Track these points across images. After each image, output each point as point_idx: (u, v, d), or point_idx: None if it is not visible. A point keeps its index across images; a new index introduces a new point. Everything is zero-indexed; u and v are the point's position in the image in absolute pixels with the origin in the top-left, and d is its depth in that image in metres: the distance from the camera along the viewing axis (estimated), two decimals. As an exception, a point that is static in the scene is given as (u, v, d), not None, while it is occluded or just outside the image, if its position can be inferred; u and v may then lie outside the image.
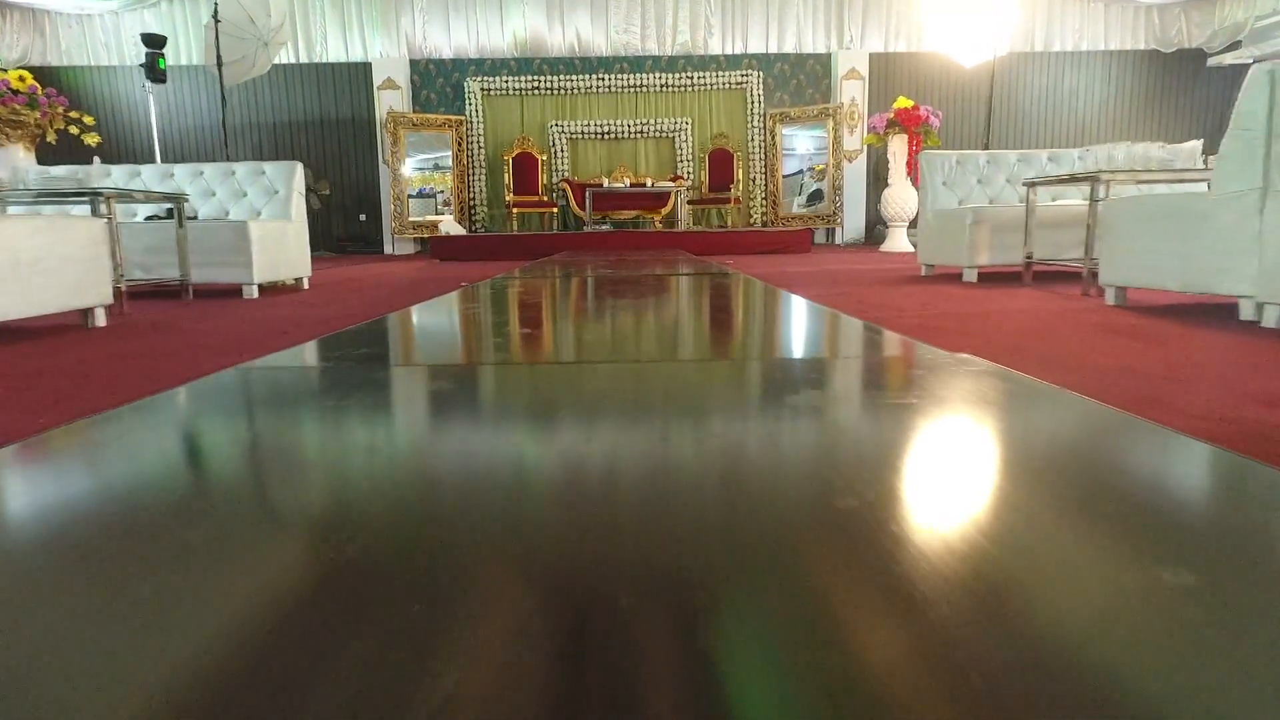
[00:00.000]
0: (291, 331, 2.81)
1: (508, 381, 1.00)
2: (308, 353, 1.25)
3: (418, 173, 10.47)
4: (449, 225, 8.44)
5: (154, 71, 5.48)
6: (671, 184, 9.21)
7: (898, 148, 7.97)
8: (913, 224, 8.51)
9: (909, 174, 7.99)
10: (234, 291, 4.14)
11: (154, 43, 5.46)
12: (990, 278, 4.29)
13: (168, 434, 0.74)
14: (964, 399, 0.81)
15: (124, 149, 10.79)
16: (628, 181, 9.25)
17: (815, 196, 10.61)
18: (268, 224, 4.22)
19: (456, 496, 0.54)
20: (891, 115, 7.91)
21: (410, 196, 10.33)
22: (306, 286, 4.66)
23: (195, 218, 4.43)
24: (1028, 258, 3.91)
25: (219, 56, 5.32)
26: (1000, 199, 4.61)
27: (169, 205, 4.41)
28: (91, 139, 6.28)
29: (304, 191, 4.62)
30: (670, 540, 0.45)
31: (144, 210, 4.45)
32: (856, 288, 4.03)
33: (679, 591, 0.39)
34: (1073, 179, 3.50)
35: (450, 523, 0.49)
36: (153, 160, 9.99)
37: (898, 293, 3.70)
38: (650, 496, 0.53)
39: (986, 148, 5.65)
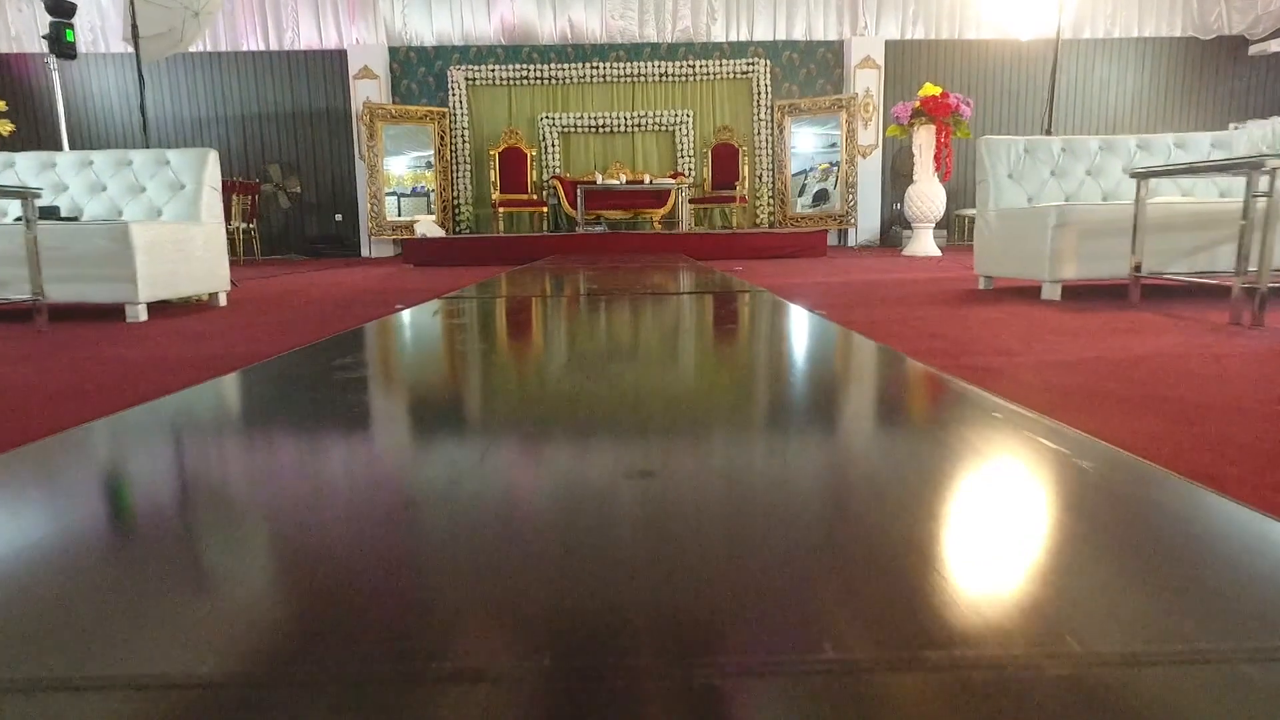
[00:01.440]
0: (139, 383, 1.88)
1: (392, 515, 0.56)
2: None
3: (401, 169, 9.53)
4: (426, 227, 7.51)
5: (60, 45, 4.55)
6: (671, 181, 8.27)
7: (924, 140, 7.04)
8: (939, 224, 7.56)
9: (937, 169, 7.05)
10: (114, 312, 3.21)
11: (61, 10, 4.53)
12: (1078, 294, 3.37)
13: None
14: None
15: (54, 141, 9.83)
16: (624, 179, 8.31)
17: (820, 197, 9.67)
18: (163, 227, 3.29)
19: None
20: (917, 104, 6.97)
21: (401, 195, 9.38)
22: (223, 303, 3.73)
23: (77, 219, 3.49)
24: (1136, 269, 2.97)
25: (134, 27, 4.38)
26: (1079, 196, 3.68)
27: (48, 203, 3.48)
28: (4, 127, 5.34)
29: (218, 186, 3.69)
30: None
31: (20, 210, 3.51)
32: (907, 308, 3.10)
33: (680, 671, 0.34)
34: (1224, 166, 2.56)
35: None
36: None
37: (971, 318, 2.77)
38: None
39: (1049, 134, 4.74)
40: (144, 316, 3.16)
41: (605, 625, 0.38)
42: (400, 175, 9.52)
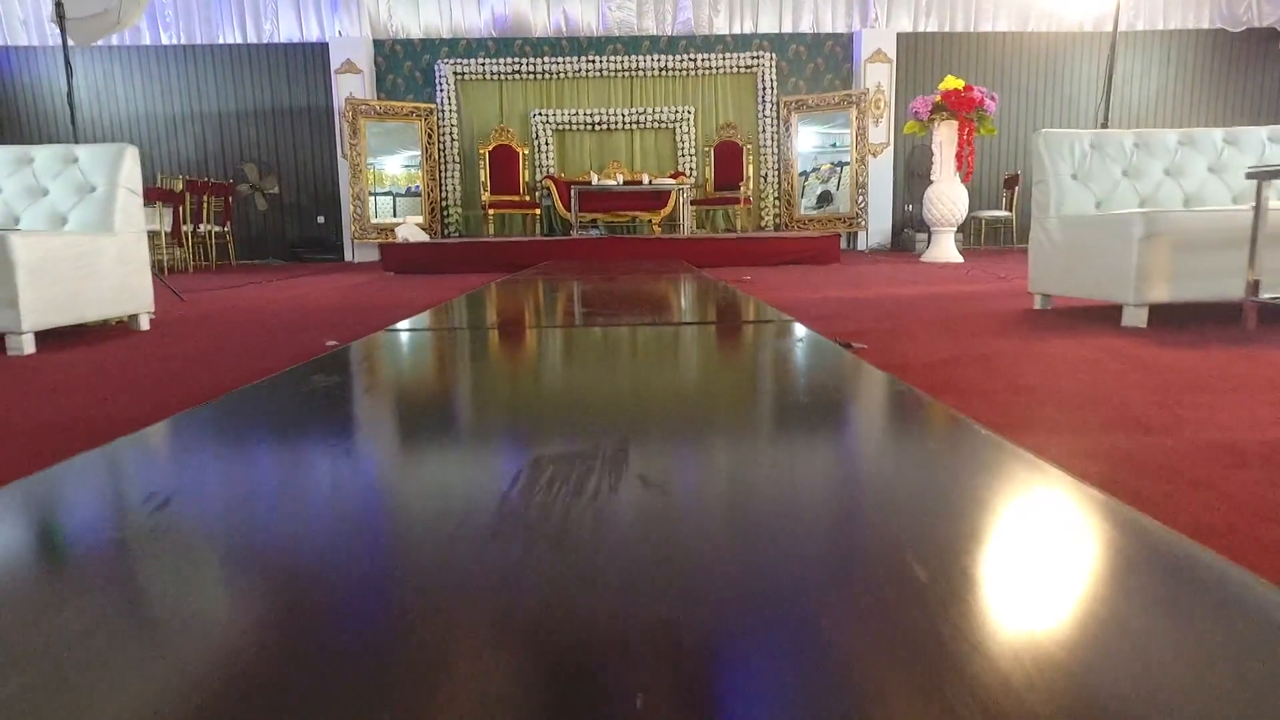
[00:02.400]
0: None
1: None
2: None
3: (389, 168, 8.92)
4: (408, 230, 6.91)
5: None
6: (672, 182, 7.67)
7: (944, 137, 6.44)
8: (960, 228, 6.93)
9: (959, 168, 6.46)
10: (-5, 343, 2.61)
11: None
12: (1166, 317, 2.78)
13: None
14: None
15: (30, 136, 9.23)
16: (621, 179, 7.71)
17: (823, 199, 9.08)
18: (59, 239, 2.69)
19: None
20: (937, 98, 6.38)
21: (383, 195, 8.77)
22: (145, 327, 3.13)
23: (-37, 228, 2.89)
24: (1254, 289, 2.38)
25: (59, 6, 3.78)
26: (1156, 199, 3.08)
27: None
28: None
29: (138, 188, 3.09)
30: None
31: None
32: (960, 340, 2.51)
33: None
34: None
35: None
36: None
37: (1051, 358, 2.17)
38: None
39: (1104, 127, 4.14)
40: (30, 348, 2.56)
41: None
42: (387, 174, 8.92)
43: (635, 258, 6.37)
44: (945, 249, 6.58)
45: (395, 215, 8.91)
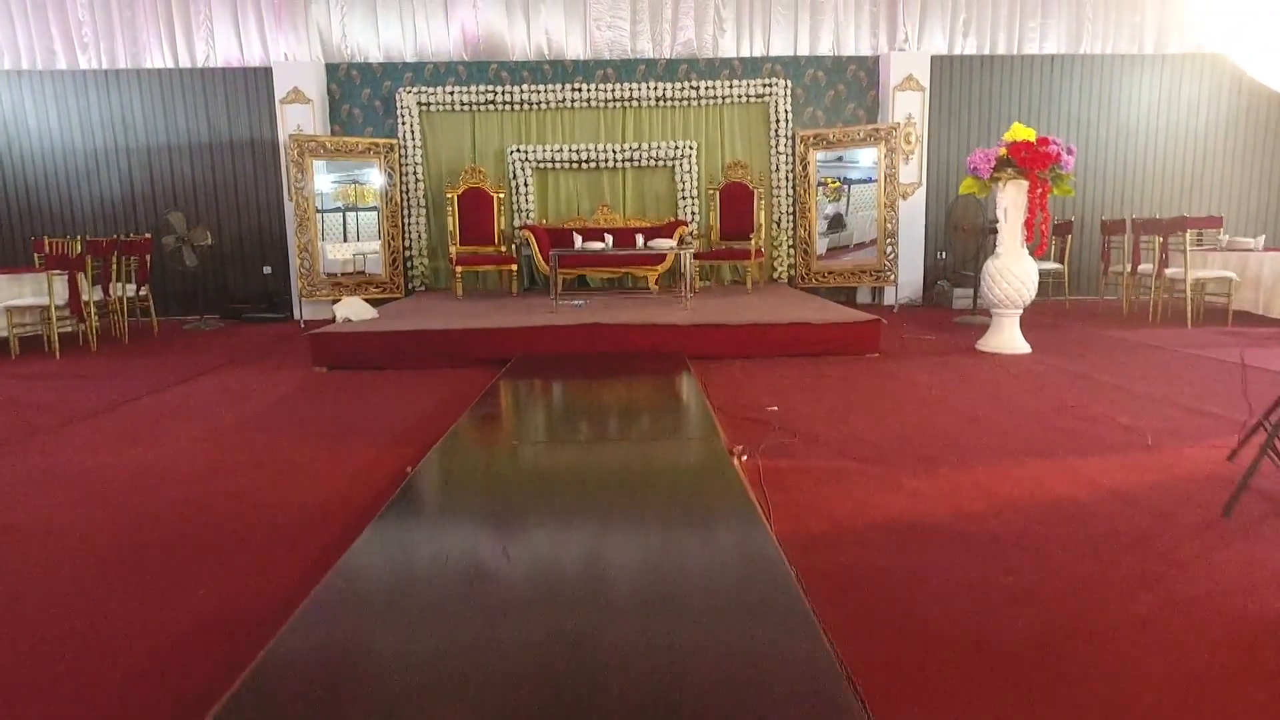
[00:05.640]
0: None
1: None
2: None
3: (339, 209, 7.59)
4: (349, 308, 5.56)
5: None
6: (669, 243, 6.33)
7: (1012, 200, 5.12)
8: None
9: (1029, 239, 5.14)
10: None
11: None
12: None
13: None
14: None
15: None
16: (610, 241, 6.36)
17: (835, 224, 7.77)
18: None
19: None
20: (1002, 151, 5.05)
21: (355, 249, 7.42)
22: None
23: None
24: None
25: None
26: None
27: None
28: None
29: None
30: None
31: None
32: None
33: None
34: None
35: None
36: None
37: None
38: None
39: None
40: None
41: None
42: (339, 217, 7.60)
43: (627, 349, 5.06)
44: (1008, 337, 5.26)
45: (351, 264, 7.58)
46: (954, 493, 2.55)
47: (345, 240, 7.57)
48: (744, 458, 2.91)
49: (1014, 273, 5.12)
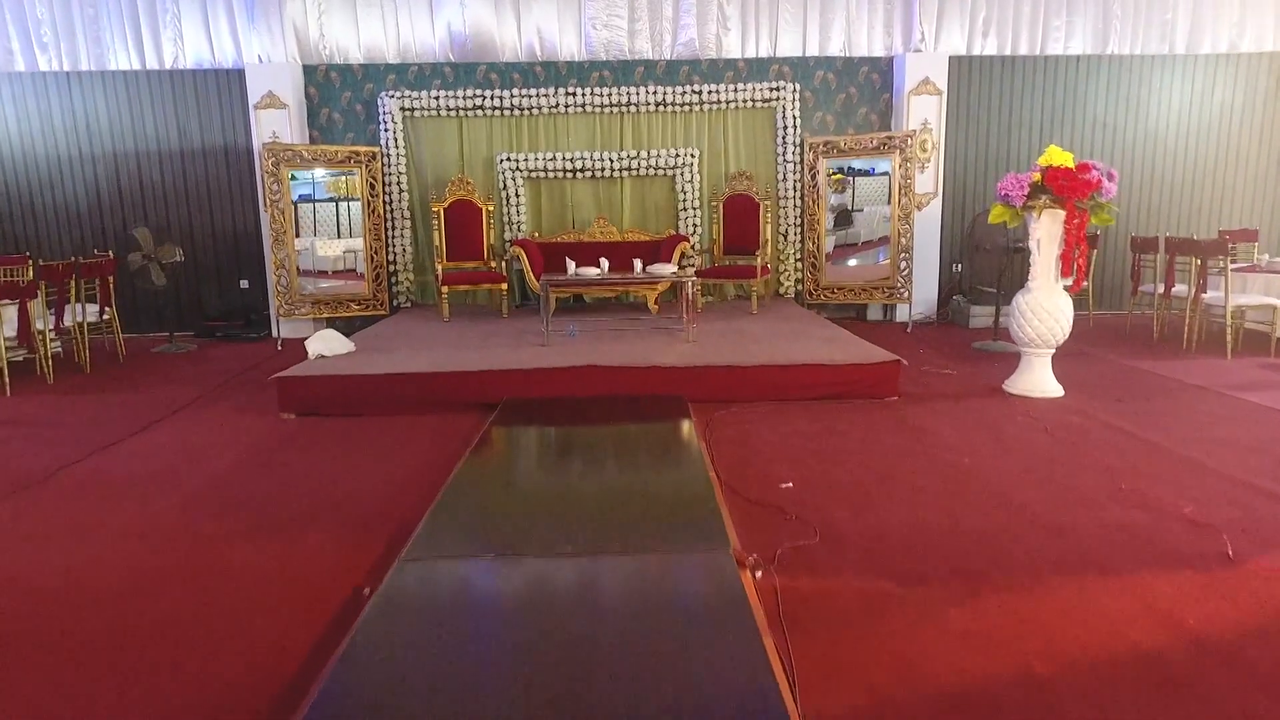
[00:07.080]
0: None
1: None
2: None
3: (322, 219, 7.11)
4: (323, 343, 5.10)
5: None
6: (670, 269, 5.86)
7: (1046, 230, 4.65)
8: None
9: (1065, 273, 4.68)
10: None
11: None
12: None
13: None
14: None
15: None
16: (605, 265, 5.89)
17: (842, 220, 7.30)
18: None
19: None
20: (1036, 177, 4.58)
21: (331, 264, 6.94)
22: None
23: None
24: None
25: None
26: None
27: None
28: None
29: None
30: None
31: None
32: None
33: None
34: None
35: None
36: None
37: None
38: None
39: None
40: None
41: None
42: (321, 229, 7.14)
43: (625, 391, 4.61)
44: (1039, 378, 4.81)
45: (330, 277, 7.12)
46: (1012, 638, 2.12)
47: (336, 237, 7.10)
48: (758, 574, 2.48)
49: (1047, 309, 4.67)
